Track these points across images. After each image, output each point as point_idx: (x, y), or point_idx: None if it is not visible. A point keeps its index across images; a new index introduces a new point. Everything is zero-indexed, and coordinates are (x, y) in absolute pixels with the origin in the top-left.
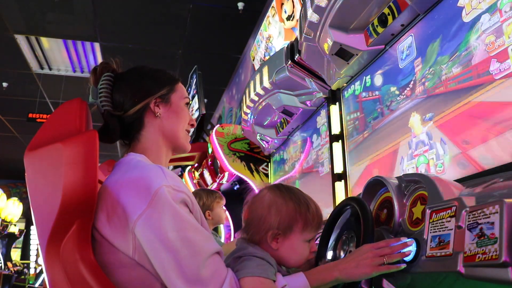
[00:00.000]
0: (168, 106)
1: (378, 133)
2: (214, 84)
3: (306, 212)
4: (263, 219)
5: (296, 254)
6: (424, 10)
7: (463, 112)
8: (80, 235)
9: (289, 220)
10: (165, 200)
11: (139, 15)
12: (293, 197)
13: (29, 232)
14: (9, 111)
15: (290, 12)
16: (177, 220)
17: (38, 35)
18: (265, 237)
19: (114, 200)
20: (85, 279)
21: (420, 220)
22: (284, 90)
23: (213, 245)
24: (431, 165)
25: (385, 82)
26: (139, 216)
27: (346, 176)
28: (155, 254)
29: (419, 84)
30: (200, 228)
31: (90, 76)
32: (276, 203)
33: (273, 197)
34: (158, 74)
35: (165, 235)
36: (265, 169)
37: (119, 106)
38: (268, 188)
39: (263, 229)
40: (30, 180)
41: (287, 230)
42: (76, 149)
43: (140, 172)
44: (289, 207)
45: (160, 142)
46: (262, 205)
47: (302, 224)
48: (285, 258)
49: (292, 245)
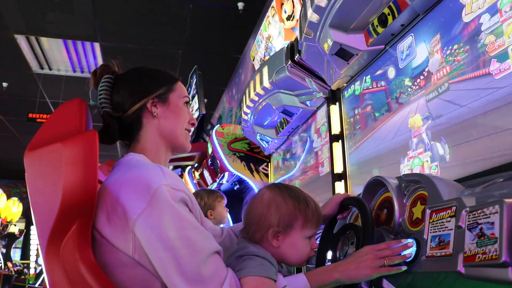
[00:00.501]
0: (166, 105)
1: (379, 132)
2: (214, 84)
3: (305, 209)
4: (263, 217)
5: (297, 251)
6: (424, 10)
7: (463, 111)
8: (80, 235)
9: (289, 217)
10: (165, 199)
11: (139, 15)
12: (292, 195)
13: (29, 232)
14: (9, 111)
15: (290, 12)
16: (176, 219)
17: (38, 35)
18: (266, 235)
19: (114, 199)
20: (85, 279)
21: (420, 220)
22: (284, 90)
23: (213, 244)
24: (426, 167)
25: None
26: (138, 215)
27: (346, 176)
28: (155, 253)
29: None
30: (200, 228)
31: (90, 79)
32: (276, 201)
33: (272, 196)
34: (157, 74)
35: (164, 234)
36: (265, 169)
37: (118, 107)
38: (267, 187)
39: (264, 227)
40: (30, 180)
41: (287, 228)
42: (76, 149)
43: (139, 172)
44: (288, 205)
45: (159, 142)
46: (262, 204)
47: (302, 221)
48: (286, 256)
49: (293, 242)
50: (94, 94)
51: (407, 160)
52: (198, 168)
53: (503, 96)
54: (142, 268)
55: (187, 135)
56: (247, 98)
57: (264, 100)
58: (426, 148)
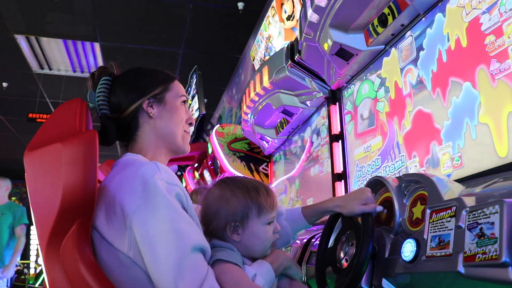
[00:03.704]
0: (162, 105)
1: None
2: (214, 84)
3: (257, 197)
4: (218, 215)
5: (259, 239)
6: (424, 10)
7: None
8: (80, 235)
9: (243, 208)
10: (159, 191)
11: (139, 15)
12: (240, 186)
13: (29, 232)
14: (9, 111)
15: (290, 12)
16: (171, 211)
17: (38, 35)
18: (225, 232)
19: (111, 198)
20: (85, 279)
21: (420, 220)
22: (284, 90)
23: (202, 240)
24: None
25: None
26: (134, 211)
27: (346, 176)
28: (149, 246)
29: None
30: (193, 223)
31: (89, 81)
32: (226, 197)
33: (221, 192)
34: (153, 74)
35: (158, 227)
36: (265, 169)
37: (116, 108)
38: (215, 185)
39: (221, 225)
40: (30, 180)
41: (244, 219)
42: (76, 149)
43: (134, 168)
44: (239, 197)
45: (157, 143)
46: (214, 202)
47: (257, 209)
48: (250, 247)
49: (253, 232)
50: (92, 96)
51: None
52: (198, 168)
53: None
54: (138, 268)
55: (186, 135)
56: (247, 98)
57: (264, 100)
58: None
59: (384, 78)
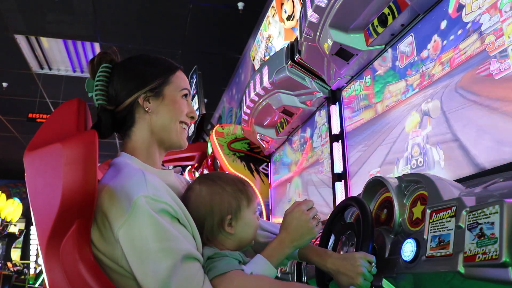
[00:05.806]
0: (160, 100)
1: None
2: (214, 84)
3: (244, 188)
4: (212, 212)
5: (250, 228)
6: (424, 10)
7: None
8: (80, 235)
9: (235, 200)
10: (144, 210)
11: (139, 15)
12: (226, 179)
13: (29, 232)
14: (9, 111)
15: (290, 12)
16: (156, 230)
17: (38, 35)
18: (222, 227)
19: (101, 206)
20: (84, 279)
21: (420, 220)
22: (284, 90)
23: (193, 250)
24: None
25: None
26: (119, 227)
27: (346, 176)
28: (136, 263)
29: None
30: (180, 238)
31: (88, 67)
32: (217, 192)
33: (209, 189)
34: (153, 64)
35: (145, 246)
36: (265, 169)
37: (112, 100)
38: (199, 184)
39: (216, 221)
40: (30, 180)
41: (237, 211)
42: (75, 149)
43: (122, 180)
44: (228, 191)
45: (151, 139)
46: (205, 201)
47: (246, 199)
48: (243, 237)
49: (246, 222)
50: (91, 84)
51: (407, 161)
52: (198, 168)
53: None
54: (131, 277)
55: (182, 130)
56: (247, 98)
57: (264, 100)
58: (425, 151)
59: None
